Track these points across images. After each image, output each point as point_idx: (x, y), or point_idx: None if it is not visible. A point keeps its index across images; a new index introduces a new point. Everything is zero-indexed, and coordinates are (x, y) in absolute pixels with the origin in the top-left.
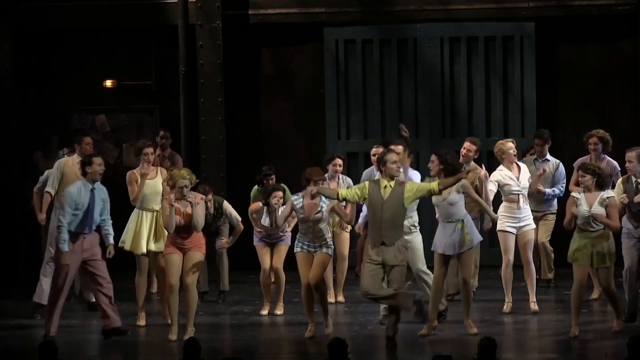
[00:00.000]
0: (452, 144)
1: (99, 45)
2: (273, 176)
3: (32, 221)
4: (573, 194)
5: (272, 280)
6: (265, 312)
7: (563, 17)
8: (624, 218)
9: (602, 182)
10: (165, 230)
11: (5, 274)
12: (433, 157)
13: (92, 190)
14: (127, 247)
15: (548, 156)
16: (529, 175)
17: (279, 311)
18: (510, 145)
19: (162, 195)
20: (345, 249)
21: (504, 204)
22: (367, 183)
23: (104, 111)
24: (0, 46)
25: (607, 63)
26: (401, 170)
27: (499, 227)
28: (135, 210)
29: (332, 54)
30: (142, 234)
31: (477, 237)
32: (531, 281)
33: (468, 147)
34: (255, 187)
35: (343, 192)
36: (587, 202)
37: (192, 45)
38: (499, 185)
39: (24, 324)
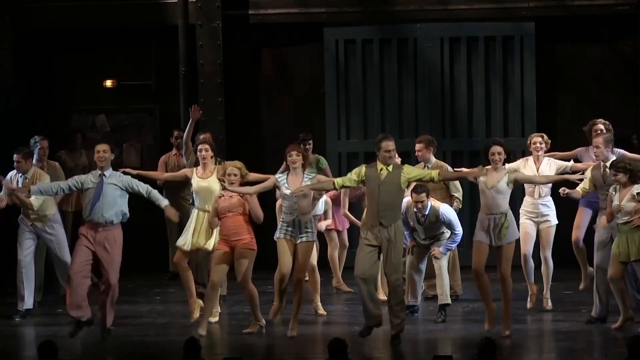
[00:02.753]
0: (452, 144)
1: (99, 45)
2: (311, 142)
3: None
4: (610, 189)
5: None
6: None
7: (563, 17)
8: None
9: (635, 175)
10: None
11: (5, 274)
12: (499, 149)
13: (100, 176)
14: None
15: None
16: (553, 170)
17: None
18: (535, 139)
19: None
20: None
21: (526, 197)
22: (363, 166)
23: (104, 111)
24: (0, 46)
25: (607, 63)
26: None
27: (520, 219)
28: (194, 211)
29: (332, 54)
30: (191, 230)
31: (515, 234)
32: (547, 278)
33: (418, 148)
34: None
35: (339, 180)
36: (619, 197)
37: (192, 45)
38: (518, 170)
39: (24, 324)
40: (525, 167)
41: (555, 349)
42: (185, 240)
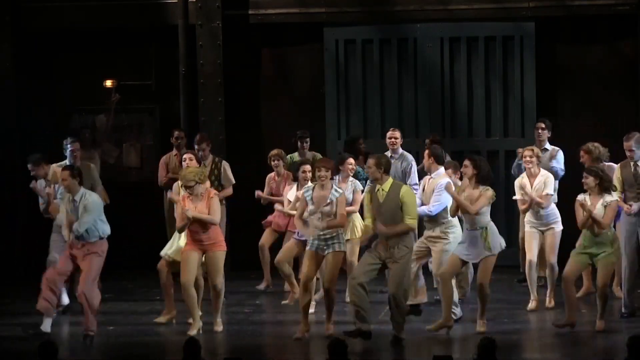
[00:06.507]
0: (452, 144)
1: (99, 45)
2: (308, 139)
3: (33, 221)
4: (578, 197)
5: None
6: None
7: (563, 17)
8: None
9: (607, 185)
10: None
11: (5, 273)
12: (467, 162)
13: (72, 201)
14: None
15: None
16: (544, 183)
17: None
18: (525, 153)
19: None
20: (355, 256)
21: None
22: (367, 189)
23: (104, 111)
24: (0, 46)
25: (607, 63)
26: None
27: (525, 227)
28: None
29: (332, 54)
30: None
31: (496, 247)
32: (552, 281)
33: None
34: (289, 156)
35: (367, 221)
36: (591, 204)
37: (192, 45)
38: (519, 185)
39: (24, 324)
40: (522, 181)
41: (555, 349)
42: (170, 250)
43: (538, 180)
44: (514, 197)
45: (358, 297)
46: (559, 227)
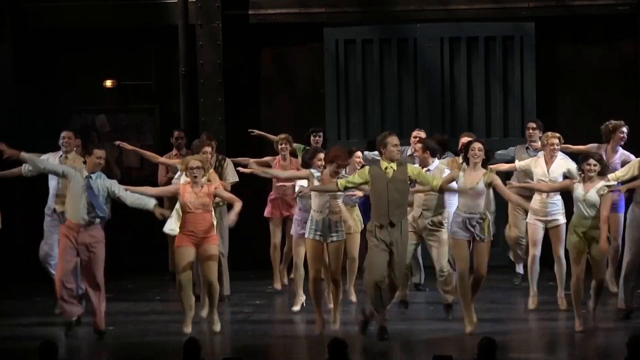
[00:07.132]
0: (452, 144)
1: (99, 45)
2: (321, 133)
3: (33, 221)
4: (575, 181)
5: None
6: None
7: (563, 17)
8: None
9: (604, 170)
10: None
11: (5, 273)
12: (480, 145)
13: (86, 178)
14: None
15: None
16: (564, 170)
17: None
18: (552, 141)
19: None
20: (356, 250)
21: (534, 195)
22: (367, 167)
23: (104, 111)
24: (1, 46)
25: (607, 63)
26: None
27: (528, 219)
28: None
29: (332, 54)
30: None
31: (491, 234)
32: (561, 276)
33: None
34: (301, 145)
35: (342, 182)
36: (585, 189)
37: (192, 45)
38: (528, 168)
39: (23, 324)
40: (536, 165)
41: (555, 349)
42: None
43: (555, 165)
44: (517, 163)
45: (377, 299)
46: (562, 219)
